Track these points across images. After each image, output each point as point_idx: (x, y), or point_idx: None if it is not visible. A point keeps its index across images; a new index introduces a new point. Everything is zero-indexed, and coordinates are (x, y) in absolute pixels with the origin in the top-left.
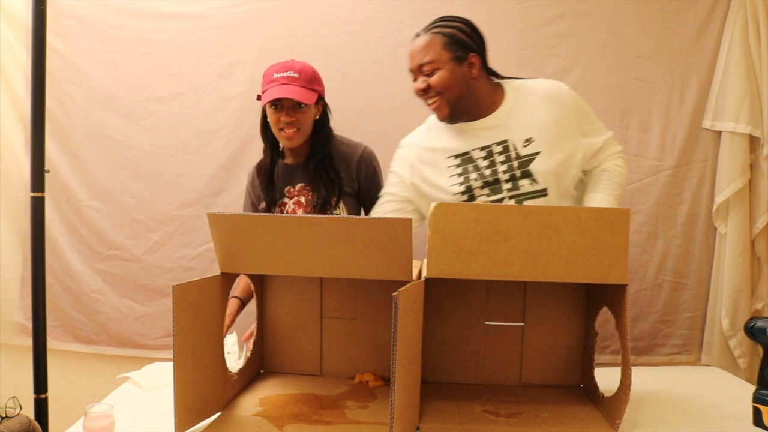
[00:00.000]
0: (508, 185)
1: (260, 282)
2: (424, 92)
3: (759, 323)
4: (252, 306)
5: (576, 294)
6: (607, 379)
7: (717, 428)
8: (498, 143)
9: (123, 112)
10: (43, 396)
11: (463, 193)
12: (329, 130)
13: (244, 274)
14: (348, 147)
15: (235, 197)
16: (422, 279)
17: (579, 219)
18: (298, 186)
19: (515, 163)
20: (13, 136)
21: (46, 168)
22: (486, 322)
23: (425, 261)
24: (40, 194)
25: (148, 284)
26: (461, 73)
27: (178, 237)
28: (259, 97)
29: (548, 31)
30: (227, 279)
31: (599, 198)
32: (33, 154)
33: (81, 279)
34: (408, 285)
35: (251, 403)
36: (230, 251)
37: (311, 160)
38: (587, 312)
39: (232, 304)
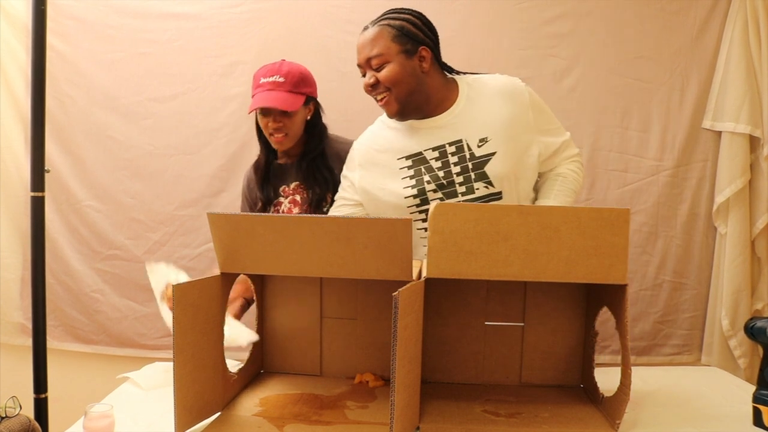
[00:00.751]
0: (462, 188)
1: (260, 282)
2: (373, 88)
3: (759, 323)
4: (252, 306)
5: (576, 294)
6: (607, 379)
7: (717, 428)
8: (451, 143)
9: (123, 112)
10: (43, 396)
11: (415, 196)
12: (322, 129)
13: (244, 274)
14: (341, 144)
15: (235, 197)
16: (422, 279)
17: (579, 219)
18: (293, 185)
19: (470, 164)
20: (13, 136)
21: (46, 168)
22: (486, 322)
23: (425, 261)
24: (40, 194)
25: (148, 284)
26: (411, 67)
27: (178, 237)
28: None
29: (548, 31)
30: (227, 279)
31: (550, 203)
32: (33, 154)
33: (81, 279)
34: (408, 285)
35: (251, 403)
36: (230, 251)
37: (304, 160)
38: (587, 312)
39: (236, 307)
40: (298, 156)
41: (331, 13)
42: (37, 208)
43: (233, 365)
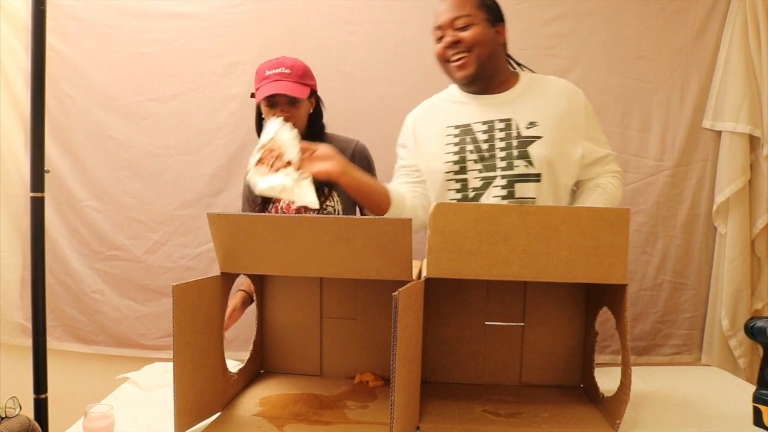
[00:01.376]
0: (503, 164)
1: (260, 282)
2: (454, 46)
3: (759, 323)
4: (252, 306)
5: (576, 294)
6: (607, 379)
7: (717, 428)
8: (501, 120)
9: (123, 112)
10: (42, 396)
11: (455, 162)
12: (322, 124)
13: (244, 274)
14: (341, 141)
15: (235, 197)
16: (422, 279)
17: (579, 219)
18: None
19: (514, 142)
20: (13, 136)
21: (46, 168)
22: (486, 322)
23: (425, 261)
24: (40, 194)
25: (148, 284)
26: (492, 35)
27: (178, 237)
28: (253, 95)
29: (548, 31)
30: (227, 279)
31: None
32: (33, 154)
33: (81, 279)
34: (408, 285)
35: (251, 403)
36: (230, 251)
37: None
38: (587, 312)
39: (237, 296)
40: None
41: (331, 13)
42: (37, 208)
43: (233, 365)
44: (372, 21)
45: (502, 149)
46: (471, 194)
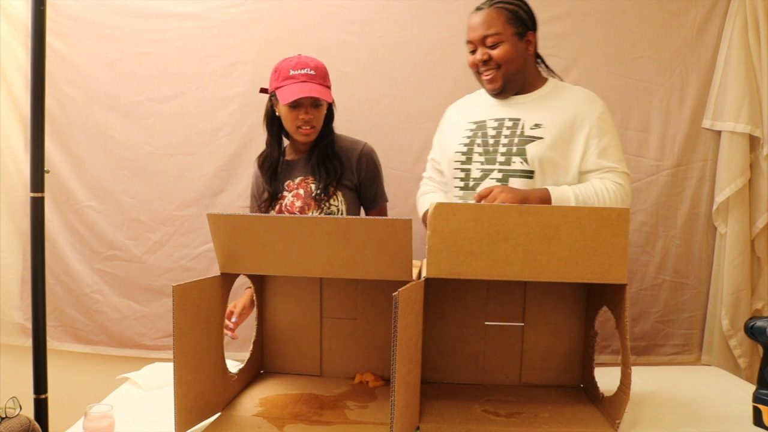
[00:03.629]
0: (502, 158)
1: (260, 282)
2: (484, 63)
3: (759, 323)
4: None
5: (576, 294)
6: (607, 379)
7: (717, 428)
8: (511, 118)
9: (123, 112)
10: (43, 396)
11: (463, 152)
12: (332, 126)
13: (244, 274)
14: (349, 142)
15: (235, 197)
16: (422, 279)
17: (579, 219)
18: (298, 179)
19: (516, 139)
20: (13, 136)
21: (45, 168)
22: (486, 322)
23: (425, 261)
24: (39, 194)
25: (148, 284)
26: (521, 49)
27: (178, 237)
28: (263, 90)
29: (548, 31)
30: (227, 279)
31: (564, 187)
32: (33, 155)
33: (81, 279)
34: (408, 285)
35: (251, 403)
36: (230, 251)
37: (314, 151)
38: (587, 312)
39: (246, 294)
40: (307, 151)
41: (331, 14)
42: (37, 208)
43: (233, 365)
44: (372, 21)
45: (504, 145)
46: (471, 183)
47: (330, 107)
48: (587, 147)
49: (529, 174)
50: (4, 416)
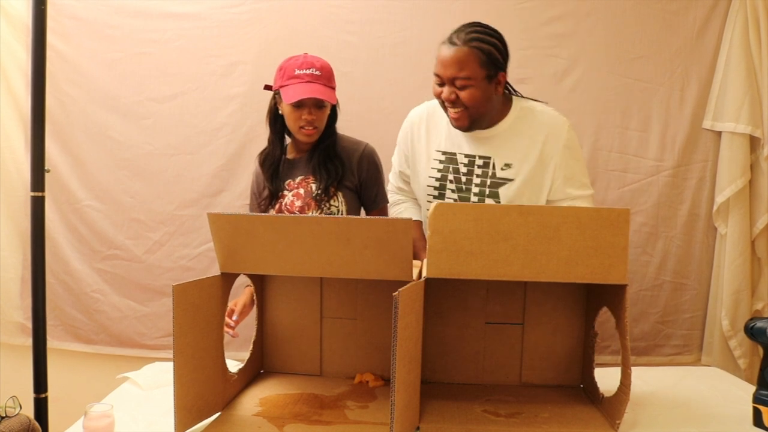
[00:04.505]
0: (475, 199)
1: (260, 282)
2: (452, 103)
3: (759, 324)
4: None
5: (576, 294)
6: (607, 379)
7: (717, 428)
8: (482, 156)
9: (123, 112)
10: (43, 395)
11: (435, 188)
12: (335, 127)
13: (244, 274)
14: (350, 143)
15: (235, 197)
16: (422, 279)
17: (579, 219)
18: (299, 179)
19: (488, 181)
20: (13, 136)
21: (46, 168)
22: (486, 322)
23: (425, 261)
24: (40, 194)
25: (148, 284)
26: (489, 91)
27: (178, 237)
28: (267, 87)
29: (548, 31)
30: (227, 279)
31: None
32: (33, 154)
33: (81, 279)
34: (408, 285)
35: (251, 403)
36: (230, 251)
37: (315, 152)
38: (587, 312)
39: (246, 292)
40: (308, 151)
41: (331, 14)
42: (37, 208)
43: (233, 365)
44: (372, 21)
45: (477, 185)
46: None
47: (334, 108)
48: (554, 179)
49: None
50: (4, 415)
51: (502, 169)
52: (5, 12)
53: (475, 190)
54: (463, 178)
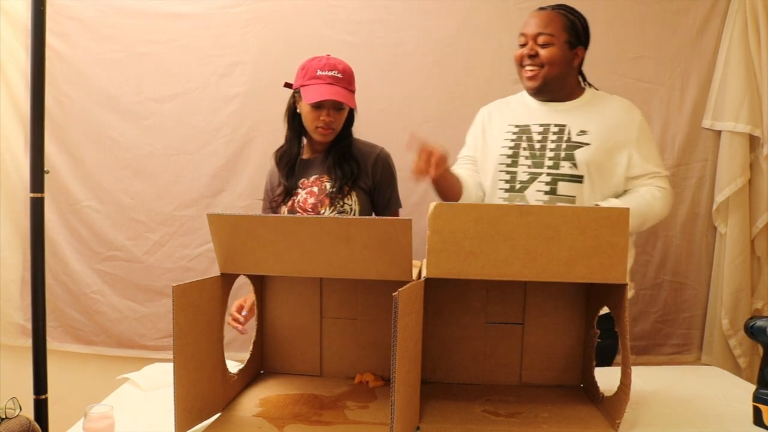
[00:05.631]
0: (550, 162)
1: (260, 282)
2: (530, 57)
3: (759, 323)
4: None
5: (576, 294)
6: (607, 379)
7: (717, 428)
8: (557, 125)
9: (123, 112)
10: (42, 397)
11: (508, 156)
12: (351, 129)
13: (244, 274)
14: (366, 146)
15: (235, 197)
16: (422, 279)
17: (579, 219)
18: (313, 178)
19: (564, 145)
20: (13, 136)
21: (45, 168)
22: (486, 322)
23: (425, 261)
24: (39, 195)
25: (148, 284)
26: (568, 57)
27: (178, 237)
28: (287, 85)
29: None
30: (227, 279)
31: (614, 202)
32: (33, 155)
33: (81, 279)
34: (408, 285)
35: (251, 403)
36: (230, 251)
37: (331, 152)
38: (587, 312)
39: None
40: (324, 151)
41: (331, 13)
42: (37, 208)
43: (233, 365)
44: (372, 21)
45: (551, 150)
46: (517, 186)
47: (351, 110)
48: (631, 155)
49: (578, 178)
50: (4, 417)
51: (578, 134)
52: (5, 12)
53: (550, 154)
54: (537, 145)
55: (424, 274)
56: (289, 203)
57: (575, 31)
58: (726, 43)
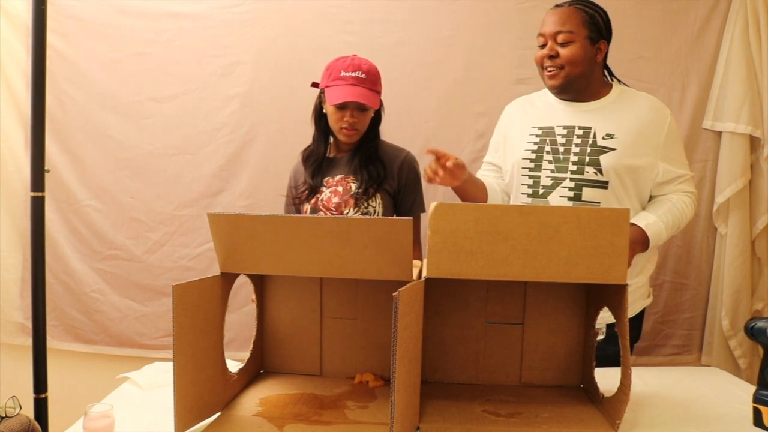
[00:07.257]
0: (574, 167)
1: (260, 282)
2: (550, 58)
3: (759, 324)
4: (252, 306)
5: (576, 294)
6: (607, 379)
7: (717, 428)
8: (581, 127)
9: (123, 112)
10: (42, 396)
11: (531, 160)
12: (378, 130)
13: (244, 274)
14: (392, 149)
15: (235, 197)
16: (422, 279)
17: (579, 219)
18: (338, 177)
19: (589, 149)
20: (13, 136)
21: (46, 168)
22: (486, 322)
23: (425, 261)
24: (40, 194)
25: (148, 284)
26: (590, 54)
27: (178, 237)
28: (314, 84)
29: None
30: (227, 279)
31: (652, 218)
32: (33, 154)
33: (81, 279)
34: (408, 285)
35: (251, 403)
36: (230, 251)
37: (357, 153)
38: (587, 312)
39: None
40: (350, 151)
41: (331, 13)
42: (37, 208)
43: (233, 365)
44: (372, 21)
45: (575, 154)
46: (541, 191)
47: (378, 111)
48: (660, 161)
49: (603, 184)
50: (4, 416)
51: (603, 138)
52: (5, 12)
53: (574, 158)
54: (561, 149)
55: (424, 274)
56: (313, 201)
57: (596, 25)
58: (727, 43)
